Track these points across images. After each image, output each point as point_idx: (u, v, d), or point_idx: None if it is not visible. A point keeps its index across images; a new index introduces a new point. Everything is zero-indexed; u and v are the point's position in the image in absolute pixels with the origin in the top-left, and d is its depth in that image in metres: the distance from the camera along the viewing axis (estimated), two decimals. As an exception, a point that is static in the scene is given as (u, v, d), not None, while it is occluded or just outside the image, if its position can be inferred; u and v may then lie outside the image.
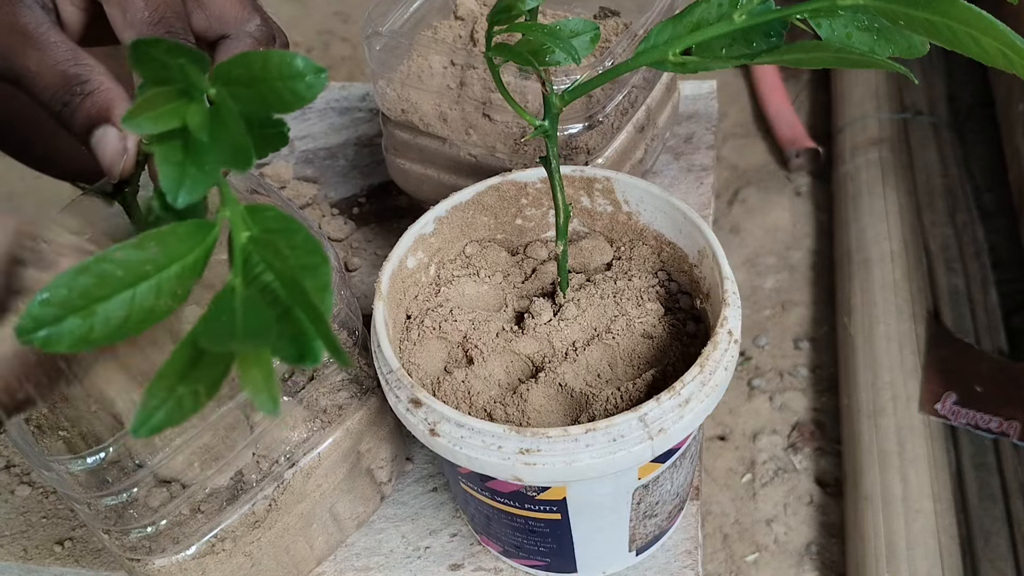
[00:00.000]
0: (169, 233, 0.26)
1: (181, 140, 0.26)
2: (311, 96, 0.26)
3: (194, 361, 0.25)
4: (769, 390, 1.10)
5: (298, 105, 0.26)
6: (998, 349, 1.02)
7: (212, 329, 0.24)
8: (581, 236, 0.49)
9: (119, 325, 0.25)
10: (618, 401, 0.41)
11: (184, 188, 0.26)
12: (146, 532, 0.40)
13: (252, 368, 0.24)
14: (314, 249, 0.25)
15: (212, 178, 0.26)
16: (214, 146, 0.26)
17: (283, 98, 0.26)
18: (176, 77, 0.25)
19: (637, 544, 0.46)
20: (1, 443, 0.54)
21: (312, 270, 0.25)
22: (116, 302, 0.25)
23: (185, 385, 0.25)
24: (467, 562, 0.49)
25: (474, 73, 0.52)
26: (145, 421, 0.24)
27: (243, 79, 0.26)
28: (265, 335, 0.24)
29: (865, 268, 1.09)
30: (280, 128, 0.27)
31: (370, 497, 0.50)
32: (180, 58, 0.25)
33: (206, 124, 0.26)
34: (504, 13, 0.36)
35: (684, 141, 0.67)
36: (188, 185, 0.26)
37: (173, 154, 0.26)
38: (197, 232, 0.26)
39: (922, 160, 1.22)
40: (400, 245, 0.45)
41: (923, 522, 0.86)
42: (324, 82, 0.26)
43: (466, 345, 0.44)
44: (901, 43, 0.33)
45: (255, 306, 0.24)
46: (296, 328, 0.24)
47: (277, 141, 0.27)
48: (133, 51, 0.25)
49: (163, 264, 0.25)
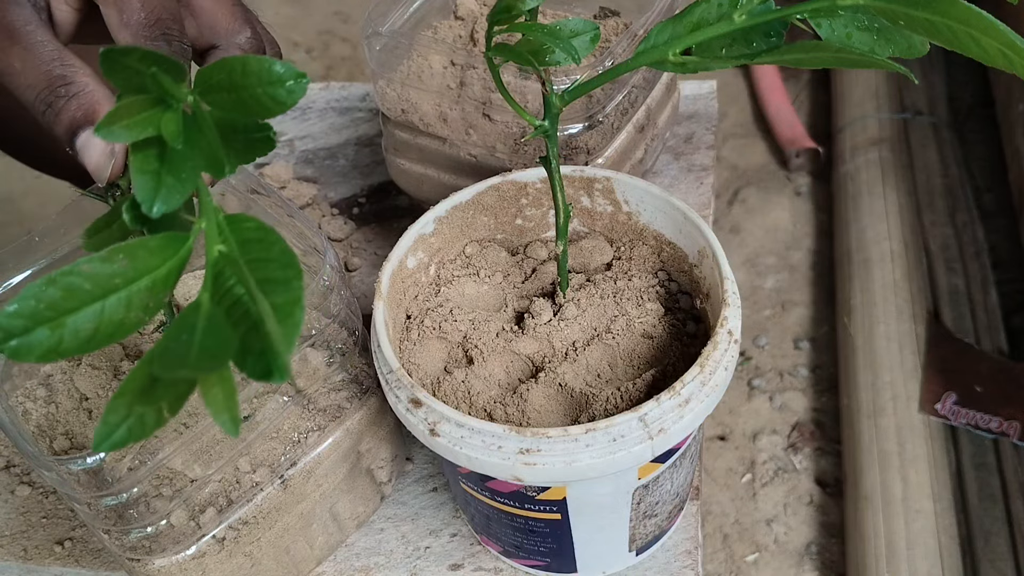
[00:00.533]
0: (139, 246, 0.25)
1: (156, 149, 0.26)
2: (292, 101, 0.26)
3: (153, 380, 0.24)
4: (769, 390, 1.10)
5: (279, 111, 0.26)
6: (998, 349, 1.02)
7: (168, 351, 0.23)
8: (581, 236, 0.49)
9: (88, 337, 0.24)
10: (618, 401, 0.41)
11: (160, 197, 0.26)
12: (146, 532, 0.40)
13: (215, 387, 0.24)
14: (289, 262, 0.25)
15: (188, 187, 0.26)
16: (190, 154, 0.25)
17: (263, 104, 0.26)
18: (150, 86, 0.25)
19: (637, 544, 0.46)
20: (1, 443, 0.54)
21: (285, 284, 0.24)
22: (85, 315, 0.24)
23: (144, 404, 0.24)
24: (467, 562, 0.49)
25: (474, 73, 0.52)
26: (106, 438, 0.24)
27: (223, 85, 0.26)
28: (222, 357, 0.23)
29: (865, 268, 1.09)
30: (266, 132, 0.27)
31: (370, 497, 0.50)
32: (154, 67, 0.25)
33: (181, 132, 0.25)
34: (504, 13, 0.36)
35: (684, 141, 0.67)
36: (164, 194, 0.26)
37: (148, 163, 0.26)
38: (170, 245, 0.26)
39: (922, 160, 1.22)
40: (400, 245, 0.45)
41: (923, 522, 0.86)
42: (304, 87, 0.26)
43: (466, 345, 0.44)
44: (901, 43, 0.33)
45: (216, 326, 0.24)
46: (264, 344, 0.24)
47: (263, 145, 0.27)
48: (105, 60, 0.25)
49: (133, 277, 0.25)
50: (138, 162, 0.26)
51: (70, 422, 0.42)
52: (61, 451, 0.41)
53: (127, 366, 0.44)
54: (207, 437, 0.40)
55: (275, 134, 0.27)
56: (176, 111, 0.26)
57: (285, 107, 0.26)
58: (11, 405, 0.42)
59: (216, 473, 0.41)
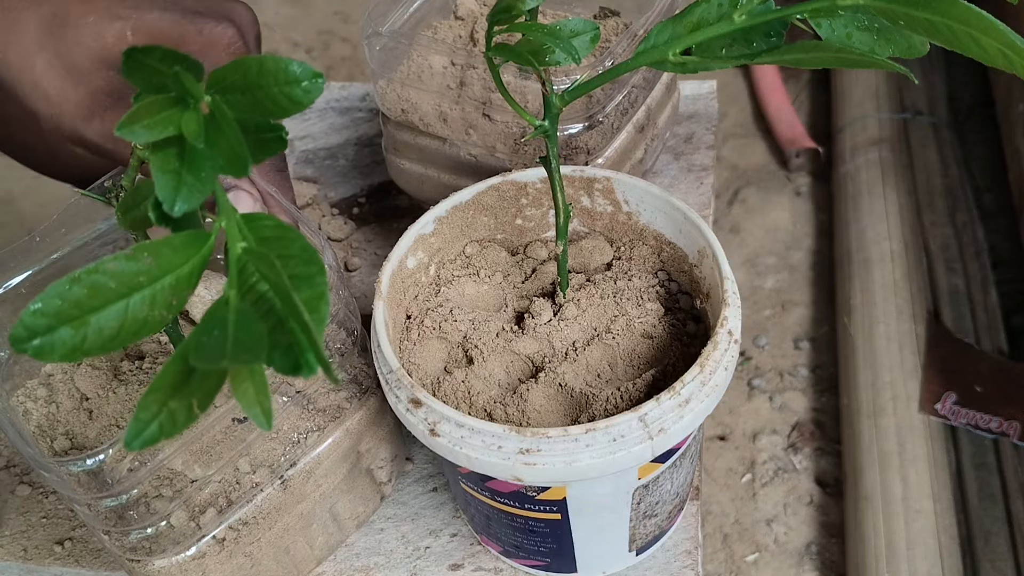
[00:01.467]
0: (164, 244, 0.26)
1: (177, 148, 0.26)
2: (308, 101, 0.26)
3: (186, 375, 0.24)
4: (769, 390, 1.10)
5: (295, 110, 0.26)
6: (998, 349, 1.02)
7: (203, 345, 0.24)
8: (581, 236, 0.49)
9: (112, 336, 0.24)
10: (618, 401, 0.41)
11: (181, 196, 0.26)
12: (146, 533, 0.40)
13: (245, 382, 0.24)
14: (310, 259, 0.25)
15: (209, 186, 0.26)
16: (210, 153, 0.26)
17: (280, 104, 0.26)
18: (171, 85, 0.25)
19: (637, 544, 0.46)
20: (1, 443, 0.54)
21: (308, 280, 0.24)
22: (109, 313, 0.24)
23: (177, 400, 0.24)
24: (467, 562, 0.49)
25: (474, 73, 0.52)
26: (137, 435, 0.24)
27: (239, 85, 0.26)
28: (257, 350, 0.23)
29: (865, 268, 1.09)
30: (278, 132, 0.27)
31: (370, 497, 0.50)
32: (175, 66, 0.25)
33: (202, 131, 0.25)
34: (504, 13, 0.36)
35: (684, 141, 0.67)
36: (184, 193, 0.26)
37: (169, 162, 0.26)
38: (192, 243, 0.26)
39: (922, 160, 1.22)
40: (400, 245, 0.45)
41: (923, 522, 0.86)
42: (321, 87, 0.26)
43: (466, 345, 0.44)
44: (901, 43, 0.33)
45: (248, 320, 0.24)
46: (291, 339, 0.24)
47: (275, 145, 0.27)
48: (127, 60, 0.25)
49: (157, 275, 0.25)
50: (159, 161, 0.26)
51: (70, 422, 0.42)
52: (61, 451, 0.41)
53: (127, 366, 0.44)
54: (207, 438, 0.40)
55: (287, 134, 0.27)
56: (196, 110, 0.26)
57: (302, 106, 0.26)
58: (11, 405, 0.42)
59: (216, 474, 0.41)
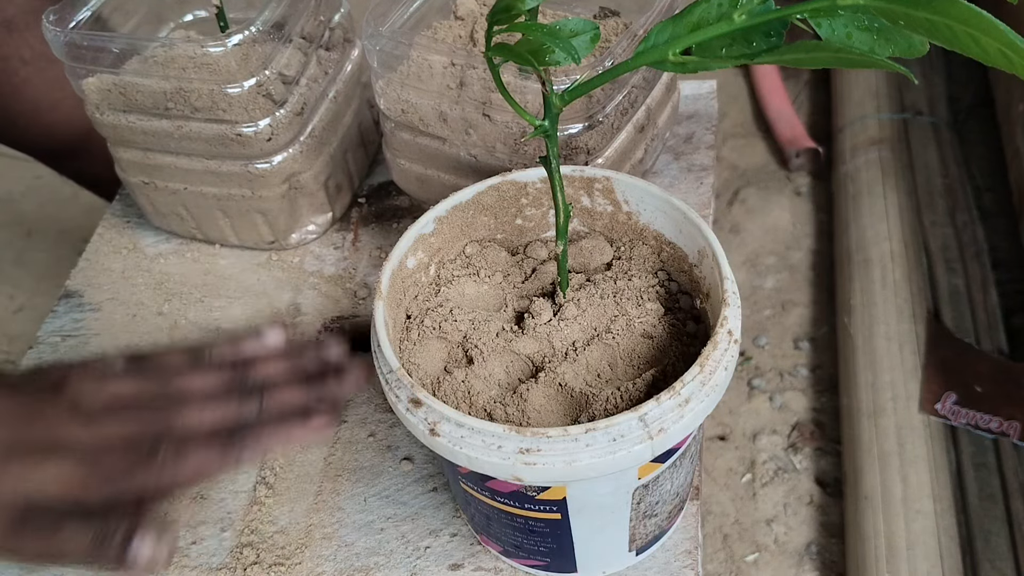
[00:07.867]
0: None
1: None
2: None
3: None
4: (769, 390, 1.10)
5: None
6: (998, 349, 1.02)
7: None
8: (581, 236, 0.49)
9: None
10: (618, 401, 0.41)
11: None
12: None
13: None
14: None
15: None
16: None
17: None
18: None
19: (637, 544, 0.46)
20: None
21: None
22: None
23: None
24: (467, 562, 0.49)
25: (474, 73, 0.52)
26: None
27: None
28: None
29: (865, 268, 1.09)
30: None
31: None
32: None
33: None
34: (504, 13, 0.36)
35: (684, 141, 0.67)
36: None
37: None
38: None
39: (922, 160, 1.22)
40: (400, 245, 0.45)
41: (923, 522, 0.86)
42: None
43: (466, 345, 0.44)
44: (901, 43, 0.33)
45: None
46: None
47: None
48: None
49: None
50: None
51: None
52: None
53: None
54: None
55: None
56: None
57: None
58: None
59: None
